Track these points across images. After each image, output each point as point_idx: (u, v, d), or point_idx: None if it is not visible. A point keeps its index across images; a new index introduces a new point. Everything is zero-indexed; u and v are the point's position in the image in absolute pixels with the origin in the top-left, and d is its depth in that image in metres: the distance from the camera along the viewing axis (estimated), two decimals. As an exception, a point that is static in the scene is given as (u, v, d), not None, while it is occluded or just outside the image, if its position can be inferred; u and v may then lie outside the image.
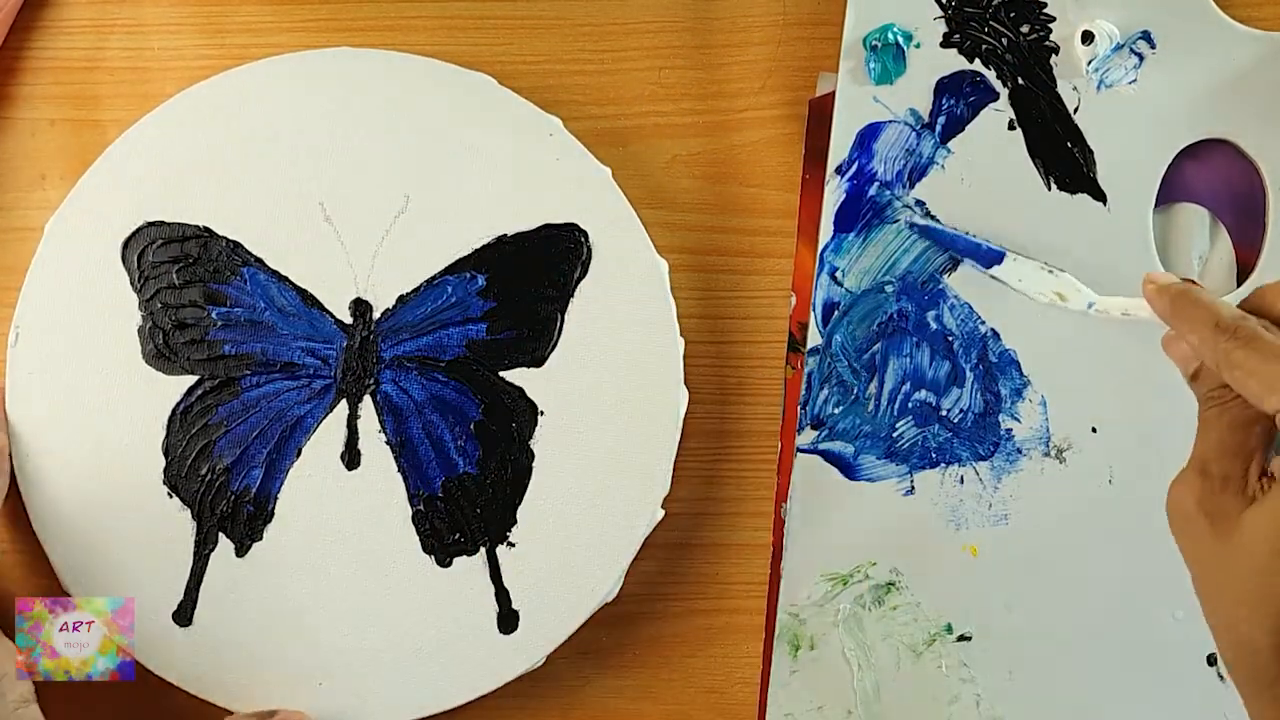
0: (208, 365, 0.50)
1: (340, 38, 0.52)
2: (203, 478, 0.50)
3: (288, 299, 0.50)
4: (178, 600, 0.49)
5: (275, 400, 0.50)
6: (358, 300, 0.50)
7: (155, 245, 0.50)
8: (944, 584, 0.50)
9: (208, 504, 0.50)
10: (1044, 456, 0.50)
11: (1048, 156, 0.50)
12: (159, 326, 0.50)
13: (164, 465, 0.50)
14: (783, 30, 0.52)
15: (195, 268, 0.50)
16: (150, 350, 0.50)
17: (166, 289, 0.50)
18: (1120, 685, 0.49)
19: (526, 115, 0.50)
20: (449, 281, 0.50)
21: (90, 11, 0.53)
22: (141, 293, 0.50)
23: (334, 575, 0.49)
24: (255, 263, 0.50)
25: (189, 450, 0.50)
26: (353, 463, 0.50)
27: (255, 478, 0.50)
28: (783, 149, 0.52)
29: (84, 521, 0.50)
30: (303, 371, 0.50)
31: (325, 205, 0.50)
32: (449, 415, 0.50)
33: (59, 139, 0.53)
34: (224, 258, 0.50)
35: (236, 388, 0.50)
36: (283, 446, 0.50)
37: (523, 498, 0.49)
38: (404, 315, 0.50)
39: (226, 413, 0.50)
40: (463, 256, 0.50)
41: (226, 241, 0.50)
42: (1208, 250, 0.51)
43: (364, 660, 0.49)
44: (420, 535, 0.49)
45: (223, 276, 0.50)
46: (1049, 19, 0.50)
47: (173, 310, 0.50)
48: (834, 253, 0.50)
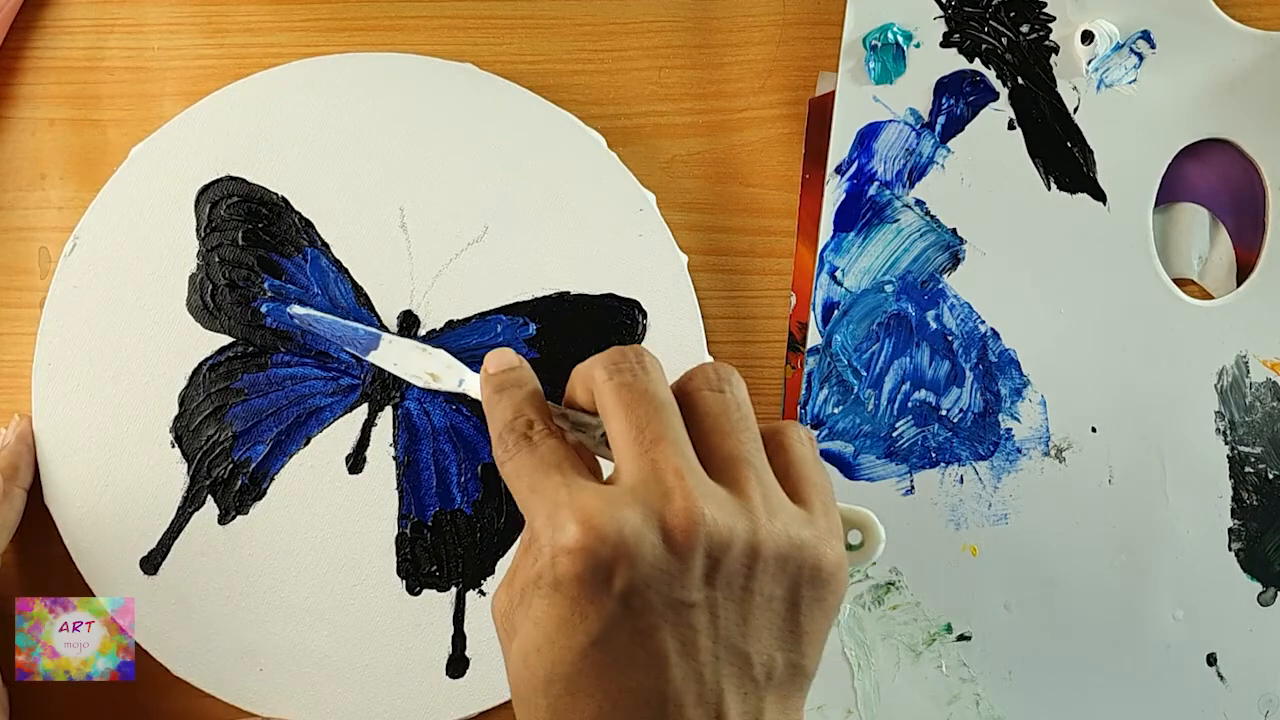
0: (246, 331, 0.50)
1: (340, 37, 0.52)
2: (210, 437, 0.50)
3: (341, 291, 0.50)
4: (149, 548, 0.49)
5: (300, 385, 0.50)
6: (407, 312, 0.50)
7: (230, 200, 0.50)
8: (944, 584, 0.50)
9: (206, 464, 0.50)
10: (1044, 456, 0.50)
11: (1047, 156, 0.50)
12: (210, 279, 0.50)
13: (175, 414, 0.50)
14: (783, 30, 0.52)
15: (262, 233, 0.50)
16: (195, 301, 0.50)
17: (229, 245, 0.50)
18: (1120, 685, 0.49)
19: (624, 184, 0.50)
20: (501, 320, 0.50)
21: (90, 11, 0.53)
22: (204, 242, 0.50)
23: (304, 569, 0.49)
24: (322, 246, 0.50)
25: (203, 407, 0.50)
26: (356, 467, 0.50)
27: (258, 453, 0.50)
28: (783, 149, 0.52)
29: (84, 443, 0.50)
30: (334, 365, 0.50)
31: (405, 211, 0.50)
32: (461, 449, 0.50)
33: (59, 139, 0.53)
34: (293, 232, 0.50)
35: (266, 361, 0.50)
36: (293, 431, 0.50)
37: (506, 550, 0.49)
38: (449, 340, 0.50)
39: (250, 381, 0.50)
40: (521, 301, 0.50)
41: (300, 218, 0.50)
42: (1208, 250, 0.51)
43: (308, 658, 0.49)
44: (399, 557, 0.49)
45: (286, 250, 0.50)
46: (1049, 19, 0.50)
47: (229, 267, 0.50)
48: (834, 252, 0.50)
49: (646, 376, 0.35)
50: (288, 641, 0.49)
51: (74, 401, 0.50)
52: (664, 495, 0.33)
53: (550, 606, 0.33)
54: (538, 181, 0.50)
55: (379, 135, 0.50)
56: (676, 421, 0.34)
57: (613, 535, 0.32)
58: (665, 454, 0.33)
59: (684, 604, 0.32)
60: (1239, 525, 0.49)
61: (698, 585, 0.33)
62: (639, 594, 0.32)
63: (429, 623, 0.49)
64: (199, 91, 0.51)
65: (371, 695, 0.49)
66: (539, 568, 0.33)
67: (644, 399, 0.34)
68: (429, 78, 0.51)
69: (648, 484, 0.33)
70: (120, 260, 0.50)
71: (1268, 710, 0.49)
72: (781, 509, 0.34)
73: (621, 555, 0.32)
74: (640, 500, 0.33)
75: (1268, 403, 0.49)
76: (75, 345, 0.50)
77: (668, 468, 0.33)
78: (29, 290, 0.52)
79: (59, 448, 0.50)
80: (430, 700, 0.49)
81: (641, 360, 0.35)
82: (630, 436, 0.34)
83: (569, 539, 0.32)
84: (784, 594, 0.34)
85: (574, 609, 0.32)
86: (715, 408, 0.35)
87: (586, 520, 0.32)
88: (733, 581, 0.33)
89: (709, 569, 0.33)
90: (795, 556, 0.34)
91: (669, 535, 0.32)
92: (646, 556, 0.32)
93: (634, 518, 0.32)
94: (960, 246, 0.50)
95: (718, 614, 0.33)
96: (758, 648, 0.33)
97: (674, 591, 0.32)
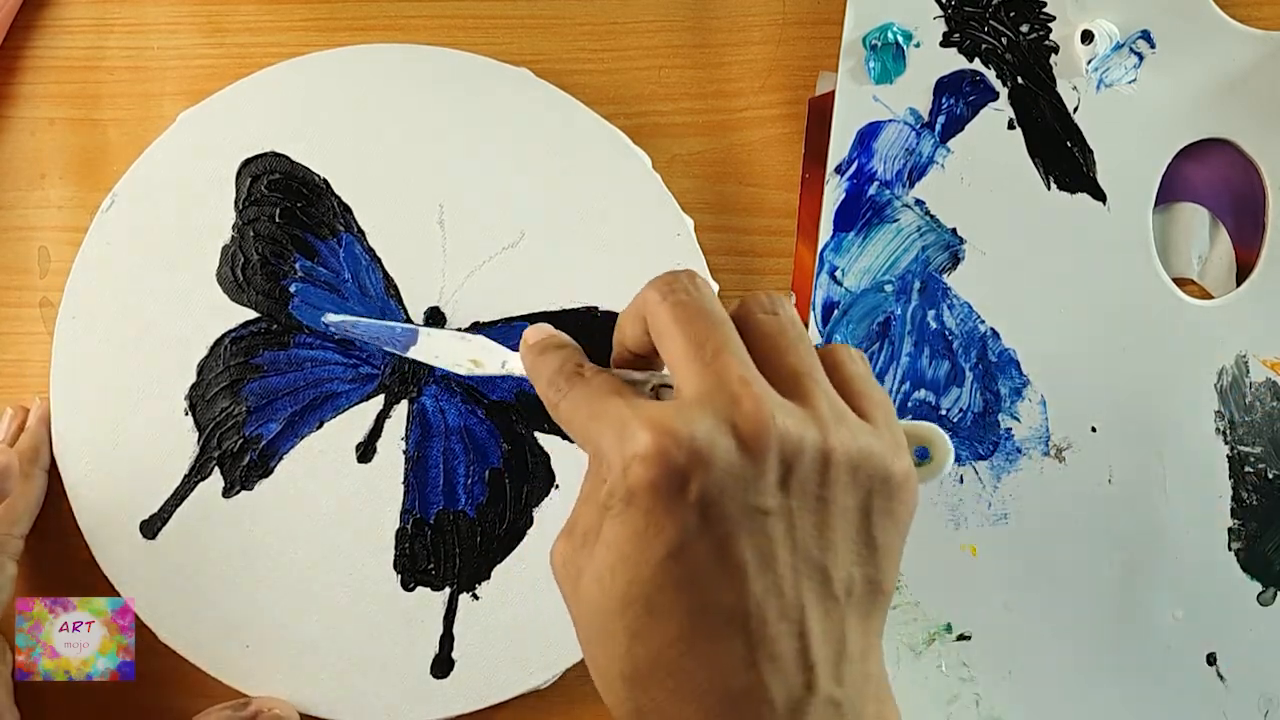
0: (272, 307, 0.50)
1: (340, 37, 0.52)
2: (224, 408, 0.50)
3: (372, 279, 0.50)
4: (151, 512, 0.50)
5: (319, 368, 0.50)
6: (434, 309, 0.50)
7: (272, 175, 0.50)
8: (943, 583, 0.50)
9: (216, 436, 0.50)
10: (1043, 456, 0.50)
11: (1047, 156, 0.50)
12: (243, 253, 0.50)
13: (192, 383, 0.50)
14: (783, 29, 0.52)
15: (300, 213, 0.50)
16: (226, 272, 0.50)
17: (265, 220, 0.50)
18: (1120, 685, 0.49)
19: (664, 207, 0.50)
20: (525, 329, 0.50)
21: (90, 11, 0.53)
22: (242, 215, 0.50)
23: (301, 551, 0.49)
24: (358, 233, 0.50)
25: (220, 379, 0.50)
26: (365, 457, 0.50)
27: (270, 430, 0.50)
28: (783, 148, 0.52)
29: (98, 399, 0.50)
30: (356, 353, 0.50)
31: (444, 209, 0.50)
32: (471, 451, 0.50)
33: (59, 139, 0.53)
34: (330, 215, 0.50)
35: (289, 340, 0.50)
36: (308, 413, 0.50)
37: (505, 558, 0.49)
38: None
39: (270, 359, 0.50)
40: (550, 311, 0.50)
41: (339, 201, 0.50)
42: (1208, 250, 0.51)
43: (295, 641, 0.49)
44: (397, 551, 0.49)
45: (322, 233, 0.50)
46: (1049, 18, 0.50)
47: (263, 242, 0.50)
48: (834, 252, 0.50)
49: (700, 295, 0.34)
50: (276, 622, 0.49)
51: (94, 355, 0.50)
52: (732, 401, 0.32)
53: (623, 524, 0.32)
54: (579, 194, 0.50)
55: (428, 130, 0.51)
56: (735, 335, 0.34)
57: (686, 440, 0.31)
58: (728, 364, 0.33)
59: (760, 510, 0.32)
60: (1239, 525, 0.49)
61: (773, 491, 0.32)
62: (715, 501, 0.31)
63: (420, 620, 0.49)
64: (199, 91, 0.51)
65: (352, 684, 0.49)
66: (609, 486, 0.32)
67: (701, 315, 0.34)
68: (483, 78, 0.51)
69: (713, 393, 0.32)
70: (156, 222, 0.50)
71: (1268, 710, 0.49)
72: (847, 418, 0.34)
73: (695, 460, 0.31)
74: (710, 408, 0.32)
75: (1268, 402, 0.49)
76: (102, 300, 0.50)
77: (732, 376, 0.32)
78: (29, 290, 0.52)
79: (73, 400, 0.50)
80: (411, 697, 0.49)
81: (694, 280, 0.35)
82: (690, 352, 0.33)
83: (641, 445, 0.31)
84: (857, 504, 0.33)
85: (649, 521, 0.31)
86: (771, 328, 0.35)
87: (657, 425, 0.31)
88: (807, 488, 0.32)
89: (783, 474, 0.32)
90: (865, 465, 0.33)
91: (742, 439, 0.32)
92: (720, 461, 0.31)
93: (705, 423, 0.31)
94: (960, 246, 0.50)
95: (794, 523, 0.32)
96: (835, 561, 0.33)
97: (750, 497, 0.31)
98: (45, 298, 0.52)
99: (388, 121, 0.51)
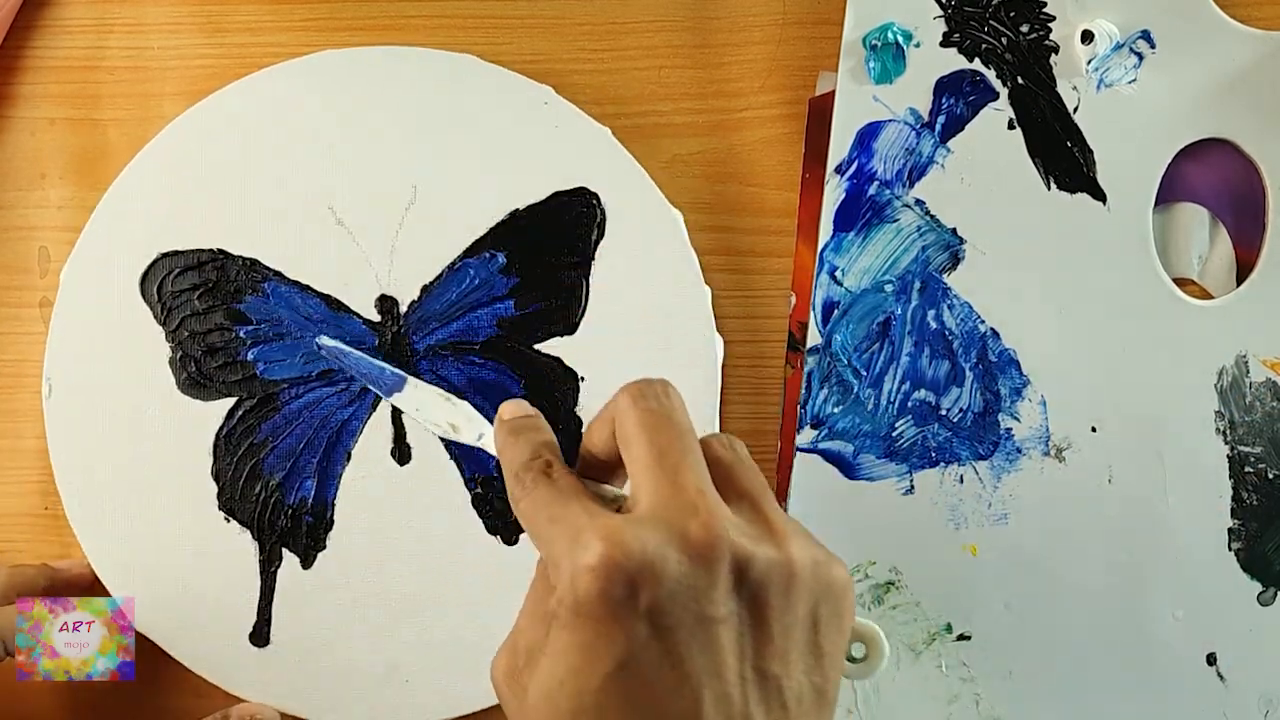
0: (244, 385, 0.50)
1: (340, 37, 0.52)
2: (257, 496, 0.50)
3: (313, 307, 0.50)
4: (252, 622, 0.50)
5: (316, 409, 0.50)
6: (383, 297, 0.50)
7: (173, 275, 0.50)
8: (943, 583, 0.50)
9: (266, 522, 0.50)
10: (1044, 456, 0.50)
11: (1047, 156, 0.50)
12: (189, 355, 0.50)
13: (217, 491, 0.50)
14: (783, 29, 0.52)
15: (216, 291, 0.50)
16: (184, 380, 0.50)
17: (191, 316, 0.50)
18: (1120, 685, 0.49)
19: (518, 87, 0.51)
20: (470, 264, 0.50)
21: (90, 11, 0.53)
22: (167, 324, 0.50)
23: (401, 571, 0.49)
24: (275, 276, 0.50)
25: (239, 472, 0.50)
26: (403, 458, 0.50)
27: (309, 488, 0.50)
28: (783, 148, 0.52)
29: (148, 559, 0.50)
30: (340, 376, 0.50)
31: (334, 209, 0.50)
32: (491, 395, 0.50)
33: (59, 139, 0.53)
34: (243, 276, 0.50)
35: (276, 403, 0.50)
36: (331, 453, 0.50)
37: (575, 464, 0.49)
38: (430, 305, 0.50)
39: (270, 429, 0.50)
40: (479, 238, 0.50)
41: (243, 260, 0.50)
42: (1208, 250, 0.51)
43: (443, 651, 0.49)
44: (483, 517, 0.50)
45: (244, 295, 0.50)
46: (1049, 18, 0.50)
47: (200, 337, 0.50)
48: (834, 252, 0.50)
49: (669, 404, 0.35)
50: (411, 645, 0.49)
51: (122, 532, 0.50)
52: (686, 512, 0.33)
53: (571, 634, 0.32)
54: (440, 123, 0.50)
55: (280, 154, 0.51)
56: (697, 448, 0.35)
57: (636, 551, 0.31)
58: (686, 476, 0.34)
59: (712, 619, 0.32)
60: (1239, 525, 0.49)
61: (724, 600, 0.32)
62: (665, 610, 0.31)
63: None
64: (199, 91, 0.51)
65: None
66: (559, 594, 0.32)
67: (668, 425, 0.35)
68: (328, 71, 0.51)
69: (669, 504, 0.33)
70: (99, 381, 0.50)
71: (1268, 710, 0.49)
72: (797, 532, 0.35)
73: (646, 570, 0.31)
74: (662, 520, 0.33)
75: (1267, 402, 0.49)
76: (93, 477, 0.50)
77: (689, 487, 0.33)
78: (29, 290, 0.52)
79: (127, 582, 0.50)
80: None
81: (666, 389, 0.36)
82: (652, 459, 0.34)
83: (593, 556, 0.32)
84: (805, 613, 0.34)
85: (598, 632, 0.32)
86: (728, 458, 0.36)
87: (610, 536, 0.32)
88: (757, 597, 0.33)
89: (735, 583, 0.32)
90: (812, 574, 0.34)
91: (694, 549, 0.32)
92: (671, 571, 0.32)
93: (656, 536, 0.32)
94: (960, 246, 0.50)
95: (745, 632, 0.33)
96: (788, 671, 0.33)
97: (701, 606, 0.32)
98: (45, 297, 0.52)
99: (242, 163, 0.51)
